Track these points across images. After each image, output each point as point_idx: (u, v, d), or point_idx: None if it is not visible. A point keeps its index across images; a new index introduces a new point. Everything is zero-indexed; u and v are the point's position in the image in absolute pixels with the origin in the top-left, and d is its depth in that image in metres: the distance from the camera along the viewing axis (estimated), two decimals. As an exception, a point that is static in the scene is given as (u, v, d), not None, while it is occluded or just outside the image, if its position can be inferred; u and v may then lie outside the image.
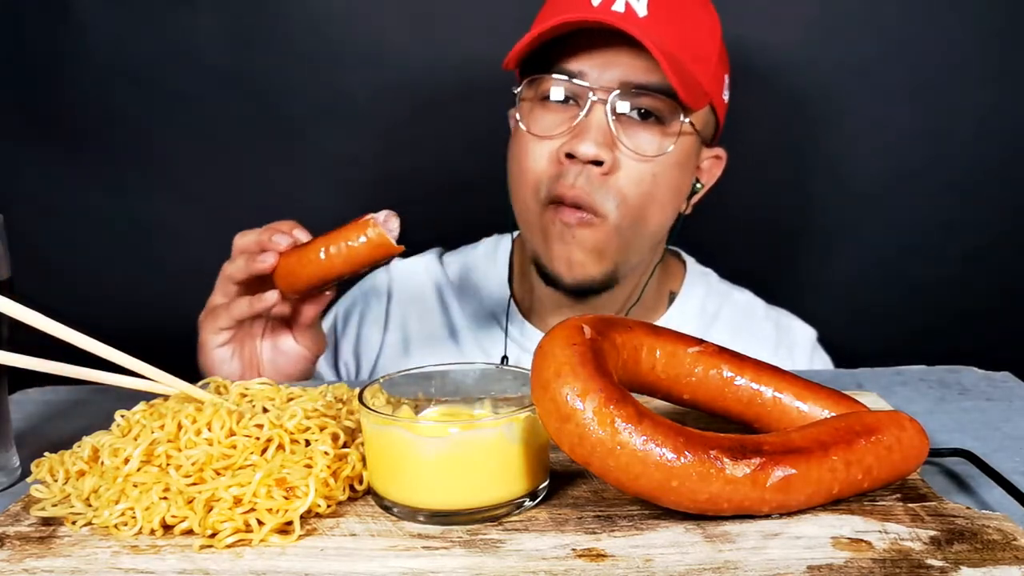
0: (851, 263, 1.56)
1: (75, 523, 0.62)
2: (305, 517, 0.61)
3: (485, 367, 0.71)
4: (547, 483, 0.65)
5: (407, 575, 0.55)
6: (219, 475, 0.62)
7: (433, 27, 1.49)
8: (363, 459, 0.66)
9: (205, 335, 1.02)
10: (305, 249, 0.96)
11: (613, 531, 0.59)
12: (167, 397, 0.72)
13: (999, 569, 0.53)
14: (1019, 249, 1.52)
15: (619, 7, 1.02)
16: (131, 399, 0.74)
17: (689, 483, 0.57)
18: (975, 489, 0.68)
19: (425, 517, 0.61)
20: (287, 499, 0.61)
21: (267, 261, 0.97)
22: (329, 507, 0.63)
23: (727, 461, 0.57)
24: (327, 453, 0.65)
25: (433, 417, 0.68)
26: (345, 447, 0.67)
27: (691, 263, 1.29)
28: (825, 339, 1.28)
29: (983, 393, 0.90)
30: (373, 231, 0.92)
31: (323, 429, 0.67)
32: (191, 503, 0.61)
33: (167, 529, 0.60)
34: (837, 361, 1.28)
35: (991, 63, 1.46)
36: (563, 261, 1.08)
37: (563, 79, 1.05)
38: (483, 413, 0.69)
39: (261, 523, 0.59)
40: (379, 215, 0.94)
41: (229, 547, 0.58)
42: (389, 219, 0.94)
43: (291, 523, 0.60)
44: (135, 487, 0.62)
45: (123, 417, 0.70)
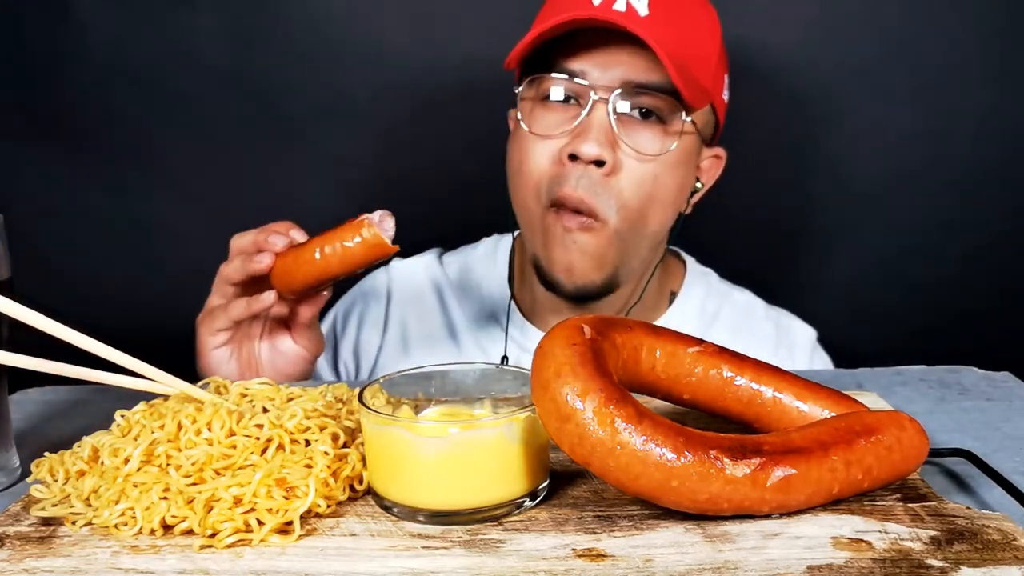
0: (851, 263, 1.56)
1: (75, 523, 0.62)
2: (305, 517, 0.61)
3: (485, 367, 0.71)
4: (547, 483, 0.65)
5: (407, 575, 0.55)
6: (219, 475, 0.62)
7: (433, 27, 1.49)
8: (363, 459, 0.66)
9: (203, 336, 1.02)
10: (301, 249, 0.96)
11: (613, 531, 0.59)
12: (167, 397, 0.72)
13: (999, 569, 0.53)
14: (1019, 249, 1.52)
15: (620, 6, 1.02)
16: (131, 399, 0.74)
17: (689, 483, 0.57)
18: (975, 489, 0.68)
19: (425, 517, 0.61)
20: (287, 499, 0.61)
21: (263, 262, 0.97)
22: (329, 507, 0.63)
23: (727, 461, 0.57)
24: (327, 453, 0.65)
25: (433, 417, 0.68)
26: (345, 447, 0.67)
27: (691, 263, 1.29)
28: (825, 339, 1.28)
29: (983, 393, 0.90)
30: (368, 231, 0.92)
31: (323, 429, 0.67)
32: (191, 503, 0.61)
33: (167, 529, 0.60)
34: (837, 361, 1.28)
35: (991, 63, 1.46)
36: (563, 267, 1.08)
37: (565, 78, 1.05)
38: (483, 413, 0.69)
39: (261, 523, 0.59)
40: (374, 215, 0.94)
41: (229, 547, 0.58)
42: (384, 219, 0.94)
43: (291, 523, 0.60)
44: (135, 487, 0.62)
45: (123, 417, 0.70)
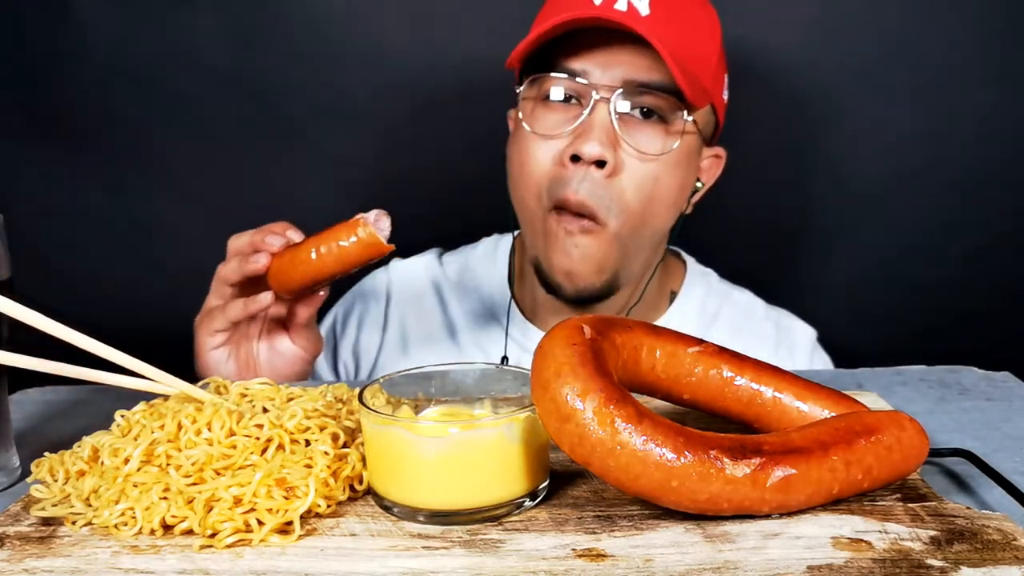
0: (851, 263, 1.56)
1: (75, 523, 0.62)
2: (305, 517, 0.61)
3: (485, 367, 0.71)
4: (547, 483, 0.65)
5: (407, 575, 0.55)
6: (219, 475, 0.62)
7: (433, 27, 1.49)
8: (363, 459, 0.66)
9: (201, 337, 1.02)
10: (297, 249, 0.96)
11: (613, 531, 0.59)
12: (167, 397, 0.72)
13: (999, 569, 0.53)
14: (1019, 249, 1.52)
15: (621, 5, 1.02)
16: (131, 399, 0.74)
17: (689, 483, 0.57)
18: (975, 489, 0.68)
19: (425, 517, 0.61)
20: (287, 499, 0.61)
21: (259, 262, 0.97)
22: (329, 507, 0.63)
23: (727, 461, 0.57)
24: (327, 453, 0.65)
25: (433, 417, 0.68)
26: (345, 447, 0.67)
27: (691, 263, 1.29)
28: (825, 339, 1.28)
29: (983, 393, 0.90)
30: (364, 231, 0.92)
31: (323, 429, 0.67)
32: (191, 503, 0.61)
33: (167, 529, 0.60)
34: (837, 361, 1.28)
35: (991, 63, 1.46)
36: (564, 271, 1.08)
37: (566, 78, 1.05)
38: (483, 413, 0.69)
39: (261, 523, 0.59)
40: (369, 215, 0.94)
41: (229, 547, 0.58)
42: (380, 218, 0.94)
43: (291, 523, 0.60)
44: (135, 487, 0.62)
45: (123, 417, 0.70)
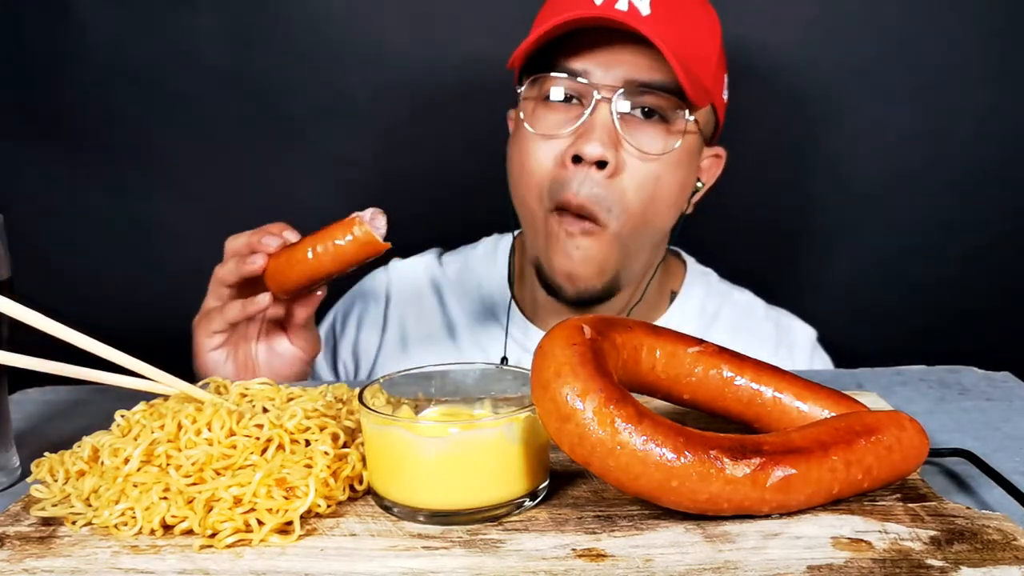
0: (851, 263, 1.56)
1: (75, 523, 0.62)
2: (305, 517, 0.61)
3: (485, 367, 0.71)
4: (547, 483, 0.65)
5: (407, 575, 0.55)
6: (219, 475, 0.62)
7: (433, 27, 1.49)
8: (363, 459, 0.66)
9: (199, 338, 1.02)
10: (294, 249, 0.96)
11: (613, 531, 0.59)
12: (167, 397, 0.72)
13: (999, 569, 0.53)
14: (1019, 249, 1.52)
15: (622, 5, 1.02)
16: (131, 399, 0.74)
17: (689, 483, 0.57)
18: (975, 489, 0.68)
19: (425, 517, 0.61)
20: (287, 499, 0.61)
21: (256, 263, 0.97)
22: (329, 507, 0.63)
23: (727, 461, 0.57)
24: (327, 453, 0.65)
25: (433, 417, 0.68)
26: (345, 447, 0.67)
27: (691, 263, 1.29)
28: (825, 339, 1.28)
29: (983, 393, 0.90)
30: (360, 229, 0.92)
31: (323, 429, 0.67)
32: (191, 503, 0.61)
33: (167, 529, 0.60)
34: (837, 361, 1.28)
35: (991, 63, 1.46)
36: (564, 273, 1.08)
37: (567, 78, 1.05)
38: (483, 413, 0.69)
39: (261, 523, 0.59)
40: (365, 213, 0.94)
41: (229, 547, 0.58)
42: (376, 217, 0.94)
43: (291, 523, 0.60)
44: (135, 487, 0.62)
45: (123, 417, 0.70)
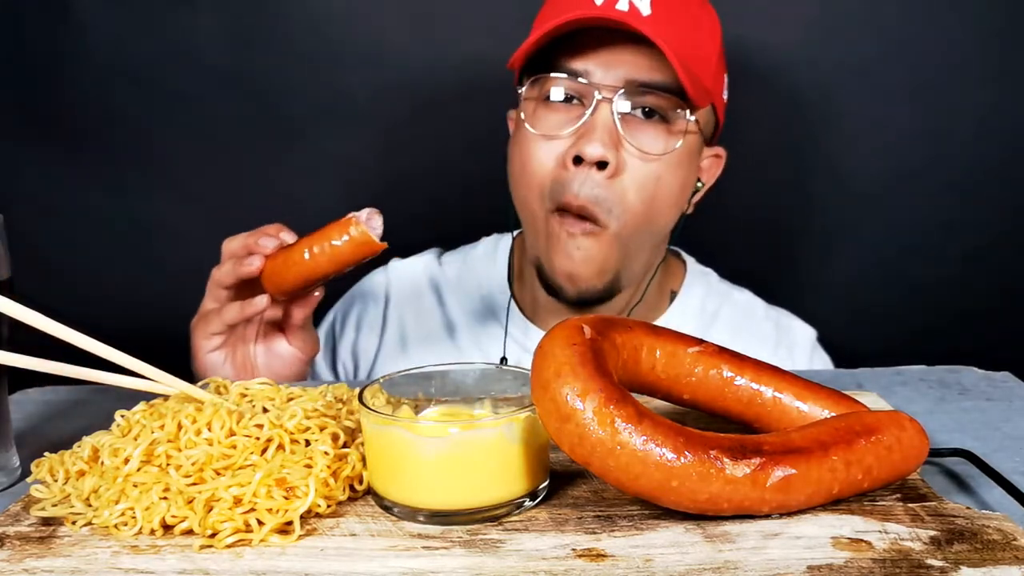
0: (851, 263, 1.56)
1: (75, 523, 0.62)
2: (305, 517, 0.61)
3: (485, 367, 0.71)
4: (547, 483, 0.65)
5: (407, 575, 0.55)
6: (219, 475, 0.62)
7: (433, 27, 1.49)
8: (363, 459, 0.66)
9: (197, 341, 1.02)
10: (290, 251, 0.96)
11: (613, 531, 0.59)
12: (167, 397, 0.72)
13: (999, 569, 0.53)
14: (1019, 249, 1.52)
15: (623, 5, 1.02)
16: (131, 399, 0.74)
17: (689, 483, 0.57)
18: (975, 489, 0.68)
19: (425, 517, 0.61)
20: (287, 499, 0.61)
21: (253, 264, 0.97)
22: (329, 507, 0.63)
23: (727, 461, 0.57)
24: (327, 453, 0.65)
25: (433, 417, 0.68)
26: (345, 447, 0.67)
27: (691, 263, 1.29)
28: (825, 339, 1.28)
29: (983, 393, 0.90)
30: (356, 229, 0.92)
31: (323, 429, 0.67)
32: (191, 503, 0.61)
33: (167, 529, 0.60)
34: (837, 361, 1.28)
35: (991, 63, 1.46)
36: (565, 273, 1.08)
37: (568, 78, 1.05)
38: (483, 413, 0.69)
39: (261, 523, 0.59)
40: (361, 213, 0.94)
41: (229, 547, 0.58)
42: (372, 217, 0.94)
43: (291, 523, 0.60)
44: (135, 487, 0.62)
45: (123, 417, 0.70)
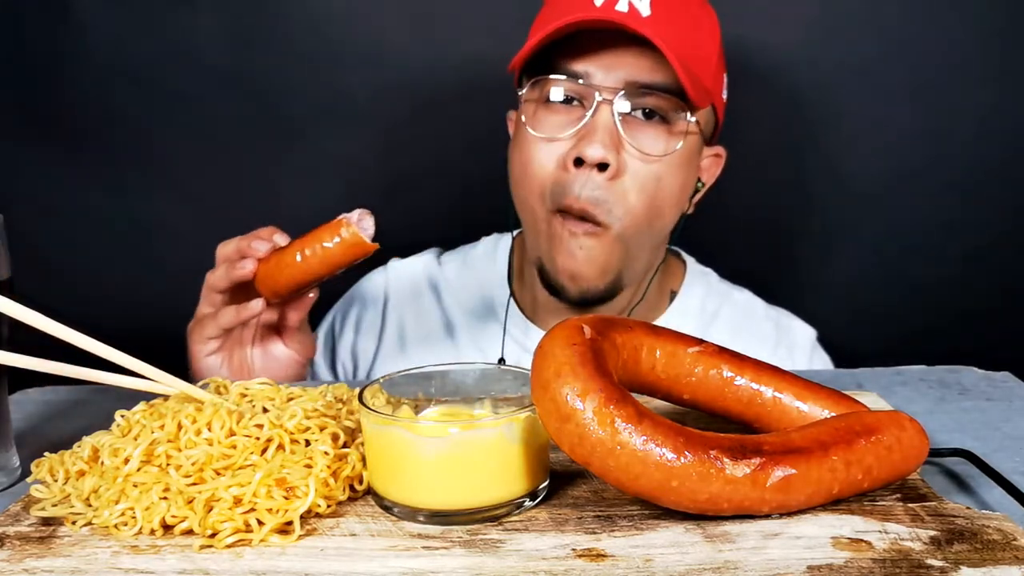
0: (851, 263, 1.56)
1: (75, 523, 0.62)
2: (305, 517, 0.61)
3: (485, 367, 0.71)
4: (547, 483, 0.65)
5: (407, 575, 0.55)
6: (219, 475, 0.62)
7: (433, 27, 1.49)
8: (363, 459, 0.66)
9: (194, 345, 1.02)
10: (282, 253, 0.96)
11: (613, 531, 0.59)
12: (167, 397, 0.72)
13: (999, 569, 0.53)
14: (1019, 249, 1.52)
15: (622, 7, 1.02)
16: (131, 399, 0.74)
17: (689, 483, 0.57)
18: (975, 489, 0.68)
19: (425, 517, 0.61)
20: (287, 499, 0.61)
21: (246, 267, 0.97)
22: (329, 507, 0.63)
23: (727, 461, 0.57)
24: (327, 453, 0.65)
25: (433, 417, 0.68)
26: (345, 447, 0.67)
27: (691, 263, 1.29)
28: (825, 339, 1.28)
29: (983, 393, 0.90)
30: (347, 231, 0.92)
31: (323, 429, 0.67)
32: (191, 503, 0.61)
33: (167, 529, 0.60)
34: (837, 361, 1.28)
35: (991, 63, 1.46)
36: (567, 273, 1.08)
37: (568, 80, 1.05)
38: (483, 413, 0.69)
39: (261, 523, 0.59)
40: (352, 214, 0.94)
41: (229, 547, 0.58)
42: (363, 218, 0.94)
43: (291, 523, 0.60)
44: (135, 487, 0.62)
45: (123, 417, 0.70)
